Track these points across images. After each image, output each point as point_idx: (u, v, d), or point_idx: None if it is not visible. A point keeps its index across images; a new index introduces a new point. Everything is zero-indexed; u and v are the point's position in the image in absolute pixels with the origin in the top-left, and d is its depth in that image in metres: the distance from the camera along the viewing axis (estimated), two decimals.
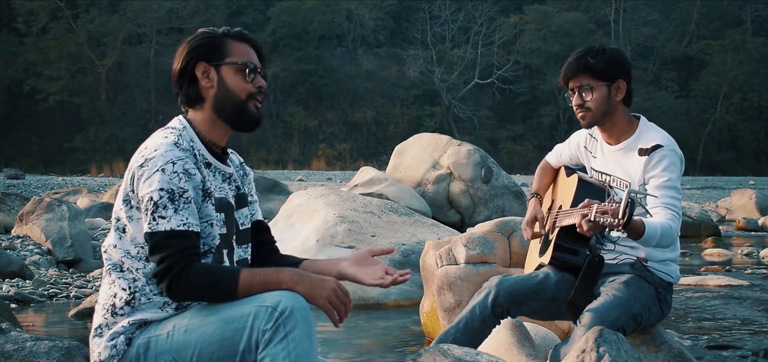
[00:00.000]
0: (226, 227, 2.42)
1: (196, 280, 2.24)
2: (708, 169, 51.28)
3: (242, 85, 2.44)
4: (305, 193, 7.82)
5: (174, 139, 2.36)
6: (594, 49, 3.30)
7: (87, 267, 8.02)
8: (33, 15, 50.40)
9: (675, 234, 3.12)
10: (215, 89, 2.44)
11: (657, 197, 3.12)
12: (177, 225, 2.25)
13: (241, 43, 2.47)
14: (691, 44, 57.06)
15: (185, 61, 2.45)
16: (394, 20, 56.93)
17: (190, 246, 2.26)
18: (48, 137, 46.68)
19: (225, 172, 2.48)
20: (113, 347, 2.33)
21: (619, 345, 2.77)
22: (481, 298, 3.30)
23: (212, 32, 2.48)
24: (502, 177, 9.60)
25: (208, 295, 2.29)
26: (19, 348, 3.06)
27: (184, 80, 2.46)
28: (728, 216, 17.97)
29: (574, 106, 3.32)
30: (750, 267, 9.18)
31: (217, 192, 2.42)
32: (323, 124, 52.12)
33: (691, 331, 5.45)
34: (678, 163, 3.21)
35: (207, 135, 2.45)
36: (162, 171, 2.28)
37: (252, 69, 2.45)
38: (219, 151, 2.49)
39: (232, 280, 2.26)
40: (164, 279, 2.24)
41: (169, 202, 2.26)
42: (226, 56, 2.44)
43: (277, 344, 2.18)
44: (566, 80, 3.32)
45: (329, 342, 5.13)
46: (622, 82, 3.27)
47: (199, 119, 2.46)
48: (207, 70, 2.44)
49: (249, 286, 2.25)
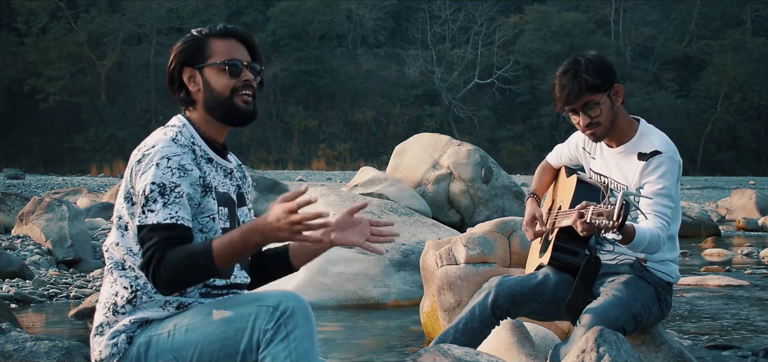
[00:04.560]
0: (229, 222, 2.42)
1: (172, 265, 2.21)
2: (708, 169, 51.27)
3: (226, 82, 2.43)
4: None
5: (172, 135, 2.37)
6: (582, 64, 3.18)
7: (87, 267, 8.02)
8: (33, 15, 50.40)
9: (662, 243, 3.12)
10: (202, 92, 2.45)
11: (650, 202, 3.12)
12: (164, 219, 2.25)
13: (223, 40, 2.46)
14: (691, 44, 57.04)
15: (172, 66, 2.47)
16: (394, 20, 56.92)
17: (173, 237, 2.24)
18: (48, 137, 46.68)
19: (226, 167, 2.49)
20: (114, 345, 2.33)
21: (619, 345, 2.77)
22: (480, 299, 3.30)
23: (194, 35, 2.48)
24: (502, 177, 9.60)
25: (189, 277, 2.24)
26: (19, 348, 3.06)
27: (174, 86, 2.49)
28: (728, 216, 17.98)
29: (581, 125, 3.24)
30: (750, 267, 9.18)
31: (220, 186, 2.42)
32: (323, 124, 52.11)
33: (691, 331, 5.45)
34: (675, 170, 3.20)
35: (206, 131, 2.46)
36: (156, 166, 2.28)
37: (232, 66, 2.43)
38: (219, 146, 2.49)
39: (206, 255, 2.21)
40: (148, 271, 2.24)
41: (159, 196, 2.26)
42: (208, 57, 2.44)
43: (278, 344, 2.19)
44: (567, 104, 3.21)
45: (329, 342, 5.14)
46: (617, 85, 3.24)
47: (196, 118, 2.47)
48: (192, 75, 2.45)
49: (223, 254, 2.20)
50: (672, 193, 3.17)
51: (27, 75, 47.94)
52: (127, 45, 50.74)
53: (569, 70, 3.20)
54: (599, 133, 3.24)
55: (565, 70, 3.22)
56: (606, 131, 3.25)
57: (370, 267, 6.59)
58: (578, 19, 54.79)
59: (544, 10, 55.26)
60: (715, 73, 53.67)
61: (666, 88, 54.61)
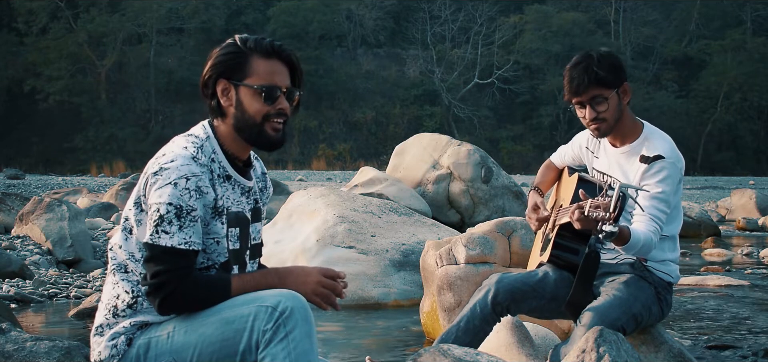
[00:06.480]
0: (239, 242, 2.41)
1: (189, 297, 2.27)
2: (708, 169, 51.26)
3: (259, 107, 2.36)
4: (305, 193, 7.82)
5: (193, 152, 2.32)
6: (594, 58, 3.19)
7: (87, 267, 8.01)
8: (33, 15, 50.40)
9: (653, 246, 3.12)
10: (234, 108, 2.38)
11: (646, 205, 3.12)
12: (178, 243, 2.24)
13: (266, 60, 2.38)
14: (691, 44, 57.04)
15: (207, 74, 2.39)
16: (394, 20, 56.91)
17: (186, 265, 2.26)
18: (48, 137, 46.67)
19: (244, 185, 2.45)
20: (114, 347, 2.33)
21: (619, 345, 2.77)
22: (481, 296, 3.31)
23: (238, 47, 2.38)
24: (502, 177, 9.59)
25: (200, 309, 2.30)
26: (19, 348, 3.06)
27: (207, 92, 2.41)
28: (728, 216, 17.97)
29: (586, 119, 3.23)
30: (750, 267, 9.18)
31: (233, 206, 2.39)
32: (323, 124, 52.11)
33: (691, 331, 5.45)
34: (675, 176, 3.20)
35: (229, 147, 2.41)
36: (174, 185, 2.25)
37: (269, 93, 2.36)
38: (241, 163, 2.44)
39: (224, 293, 2.29)
40: (157, 295, 2.26)
41: (175, 218, 2.24)
42: (247, 76, 2.36)
43: (278, 344, 2.19)
44: (576, 95, 3.21)
45: (329, 342, 5.13)
46: (626, 84, 3.26)
47: (222, 130, 2.41)
48: (227, 88, 2.38)
49: (239, 293, 2.29)
50: (669, 199, 3.17)
51: (27, 75, 47.93)
52: (127, 45, 50.73)
53: (581, 63, 3.20)
54: (603, 129, 3.24)
55: (576, 62, 3.22)
56: (610, 128, 3.25)
57: (370, 267, 6.59)
58: (578, 19, 54.78)
59: (544, 10, 55.26)
60: (715, 73, 53.65)
61: (666, 88, 54.61)
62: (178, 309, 2.29)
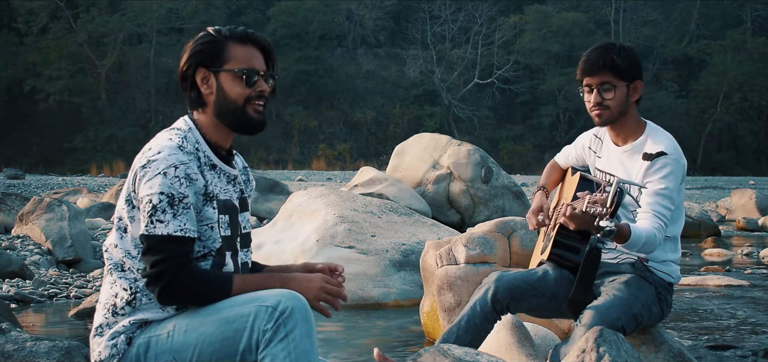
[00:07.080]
0: (230, 229, 2.42)
1: (188, 287, 2.27)
2: (708, 169, 51.25)
3: (240, 91, 2.40)
4: (305, 193, 7.82)
5: (178, 142, 2.34)
6: (616, 47, 3.23)
7: (87, 267, 8.01)
8: (33, 15, 50.37)
9: (658, 243, 3.11)
10: (214, 95, 2.41)
11: (650, 202, 3.12)
12: (174, 231, 2.25)
13: (242, 46, 2.43)
14: (691, 44, 57.02)
15: (186, 65, 2.43)
16: (394, 20, 56.90)
17: (185, 253, 2.27)
18: (48, 137, 46.65)
19: (230, 173, 2.47)
20: (113, 346, 2.33)
21: (619, 345, 2.77)
22: (480, 294, 3.31)
23: (213, 36, 2.43)
24: (502, 177, 9.60)
25: (198, 301, 2.31)
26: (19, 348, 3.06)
27: (186, 84, 2.45)
28: (728, 216, 17.98)
29: (591, 103, 3.25)
30: (750, 267, 9.18)
31: (221, 194, 2.41)
32: (323, 124, 52.10)
33: (691, 331, 5.45)
34: (678, 172, 3.19)
35: (211, 137, 2.44)
36: (164, 174, 2.27)
37: (250, 76, 2.41)
38: (224, 152, 2.47)
39: (224, 290, 2.30)
40: (156, 284, 2.26)
41: (168, 207, 2.25)
42: (226, 62, 2.40)
43: (278, 344, 2.19)
44: (587, 75, 3.23)
45: (329, 342, 5.13)
46: (639, 82, 3.27)
47: (203, 121, 2.44)
48: (206, 76, 2.42)
49: (240, 292, 2.30)
50: (673, 195, 3.16)
51: (27, 75, 47.90)
52: (127, 45, 50.71)
53: (601, 47, 3.26)
54: (605, 117, 3.25)
55: (598, 46, 3.28)
56: (612, 118, 3.25)
57: (370, 267, 6.59)
58: (578, 19, 54.75)
59: (544, 10, 55.23)
60: (715, 73, 53.63)
61: (666, 88, 54.58)
62: (178, 298, 2.29)
